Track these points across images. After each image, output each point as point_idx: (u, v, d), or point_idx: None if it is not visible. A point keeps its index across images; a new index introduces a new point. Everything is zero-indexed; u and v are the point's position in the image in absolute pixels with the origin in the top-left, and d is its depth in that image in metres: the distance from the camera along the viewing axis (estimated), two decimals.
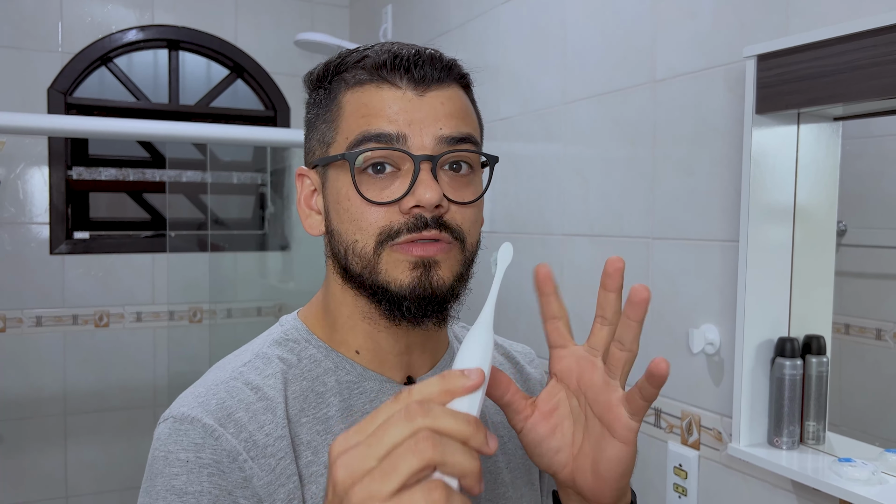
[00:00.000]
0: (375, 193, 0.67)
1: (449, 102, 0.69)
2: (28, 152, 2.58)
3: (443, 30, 2.29)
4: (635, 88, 1.52)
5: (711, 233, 1.34)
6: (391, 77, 0.68)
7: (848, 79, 1.04)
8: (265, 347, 0.74)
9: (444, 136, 0.67)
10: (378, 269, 0.68)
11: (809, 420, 1.17)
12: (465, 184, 0.70)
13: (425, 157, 0.66)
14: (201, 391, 0.69)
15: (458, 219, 0.69)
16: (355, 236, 0.68)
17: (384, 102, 0.67)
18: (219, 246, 2.98)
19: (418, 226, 0.66)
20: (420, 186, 0.65)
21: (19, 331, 2.59)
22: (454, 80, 0.71)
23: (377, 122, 0.67)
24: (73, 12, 2.64)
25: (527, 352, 0.93)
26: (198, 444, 0.64)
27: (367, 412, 0.71)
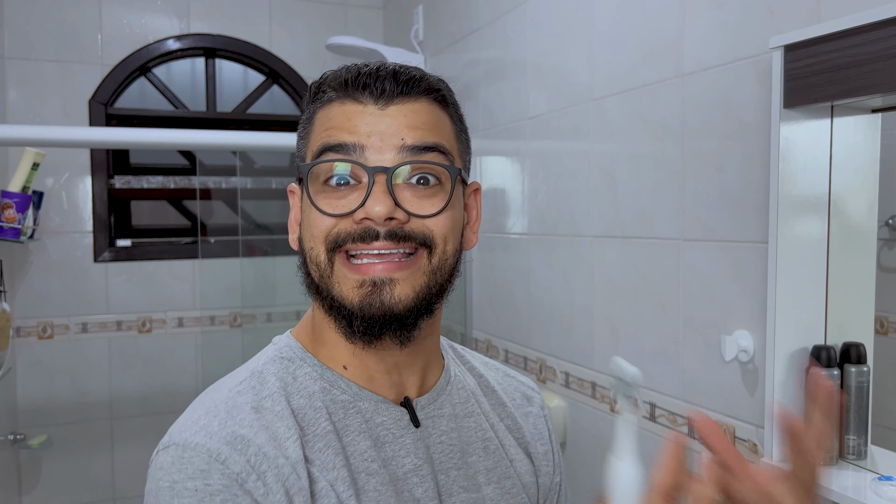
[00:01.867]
0: (331, 204, 0.67)
1: (413, 115, 0.69)
2: (71, 163, 2.65)
3: (472, 28, 2.26)
4: (663, 83, 1.45)
5: (744, 233, 1.27)
6: (353, 93, 0.69)
7: (884, 68, 0.96)
8: (261, 366, 0.73)
9: (405, 145, 0.66)
10: (332, 281, 0.68)
11: (849, 434, 1.09)
12: (430, 195, 0.68)
13: (380, 168, 0.66)
14: (200, 414, 0.67)
15: (429, 226, 0.68)
16: (311, 243, 0.69)
17: (345, 115, 0.68)
18: (259, 250, 3.00)
19: (364, 237, 0.66)
20: (370, 199, 0.65)
21: (66, 337, 2.66)
22: (421, 93, 0.70)
23: (337, 134, 0.68)
24: (112, 24, 2.69)
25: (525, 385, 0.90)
26: (204, 470, 0.62)
27: (363, 431, 0.70)
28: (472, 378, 0.84)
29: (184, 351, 2.80)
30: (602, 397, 1.67)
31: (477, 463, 0.77)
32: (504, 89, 2.09)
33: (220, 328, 2.85)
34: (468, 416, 0.78)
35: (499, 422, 0.83)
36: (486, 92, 2.20)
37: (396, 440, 0.71)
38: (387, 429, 0.71)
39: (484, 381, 0.85)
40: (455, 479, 0.74)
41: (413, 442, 0.72)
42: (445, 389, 0.78)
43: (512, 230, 2.07)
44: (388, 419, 0.71)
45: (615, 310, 1.63)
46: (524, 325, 2.01)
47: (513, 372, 0.91)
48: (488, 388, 0.84)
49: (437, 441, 0.74)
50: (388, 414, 0.72)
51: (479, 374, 0.85)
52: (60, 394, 2.65)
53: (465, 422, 0.78)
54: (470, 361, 0.86)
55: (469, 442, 0.77)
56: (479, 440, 0.78)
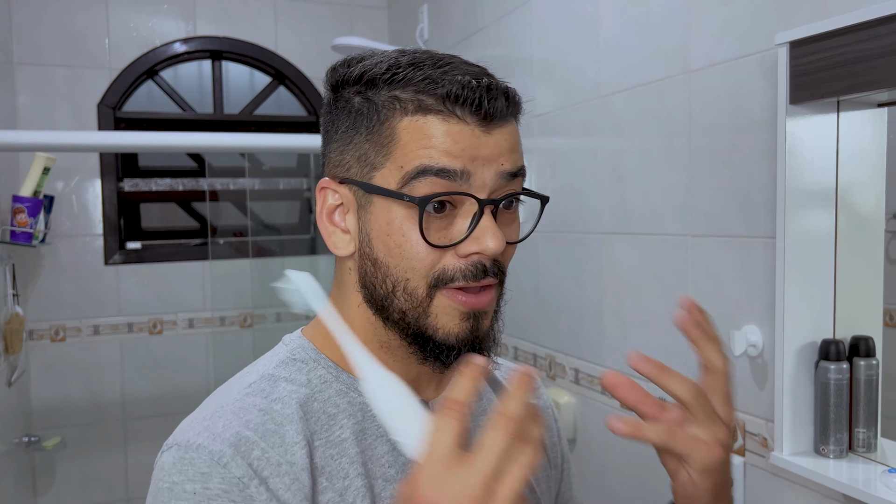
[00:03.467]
0: (433, 234, 0.63)
1: (510, 137, 0.65)
2: (80, 166, 2.67)
3: (478, 27, 2.26)
4: (670, 79, 1.46)
5: (752, 229, 1.27)
6: (460, 111, 0.63)
7: (890, 63, 0.97)
8: (271, 368, 0.70)
9: (504, 171, 0.64)
10: (429, 312, 0.65)
11: (859, 427, 1.10)
12: (514, 219, 0.67)
13: (490, 200, 0.63)
14: (206, 415, 0.66)
15: (506, 257, 0.67)
16: (406, 274, 0.64)
17: (449, 136, 0.62)
18: (268, 251, 3.02)
19: (476, 274, 0.63)
20: (486, 234, 0.62)
21: (78, 340, 2.68)
22: (517, 112, 0.68)
23: (439, 157, 0.62)
24: (119, 28, 2.71)
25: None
26: (204, 473, 0.61)
27: (381, 435, 0.69)
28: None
29: (195, 352, 2.82)
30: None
31: None
32: None
33: (231, 329, 2.87)
34: (482, 413, 0.78)
35: None
36: None
37: None
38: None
39: (491, 376, 0.84)
40: None
41: None
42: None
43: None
44: None
45: (624, 306, 1.63)
46: (533, 322, 2.02)
47: (514, 365, 0.90)
48: (496, 383, 0.84)
49: None
50: None
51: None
52: (74, 396, 2.68)
53: (480, 420, 0.77)
54: None
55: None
56: None
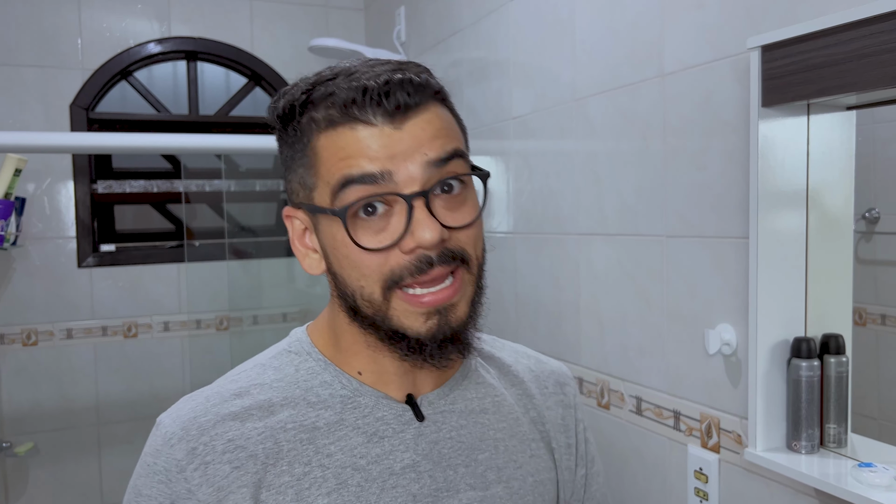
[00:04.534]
0: (371, 238, 0.64)
1: (429, 126, 0.65)
2: (53, 168, 2.63)
3: (455, 29, 2.27)
4: (644, 82, 1.48)
5: (725, 229, 1.30)
6: (363, 115, 0.63)
7: (857, 67, 0.99)
8: (266, 358, 0.75)
9: (430, 160, 0.64)
10: (390, 315, 0.66)
11: (830, 423, 1.12)
12: (460, 203, 0.67)
13: (416, 193, 0.63)
14: (189, 396, 0.72)
15: (463, 240, 0.66)
16: (360, 282, 0.66)
17: (361, 143, 0.63)
18: (245, 253, 3.00)
19: (422, 267, 0.64)
20: (418, 227, 0.62)
21: (51, 343, 2.64)
22: (430, 98, 0.67)
23: (357, 163, 0.63)
24: (92, 28, 2.68)
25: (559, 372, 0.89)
26: (157, 450, 0.67)
27: (359, 427, 0.71)
28: (494, 370, 0.82)
29: (171, 355, 2.80)
30: (589, 392, 1.69)
31: (488, 460, 0.75)
32: (487, 90, 2.11)
33: (207, 332, 2.85)
34: (483, 411, 0.77)
35: (524, 414, 0.81)
36: (469, 93, 2.22)
37: (396, 435, 0.71)
38: (386, 423, 0.71)
39: (511, 371, 0.83)
40: (463, 476, 0.73)
41: (414, 437, 0.72)
42: (461, 384, 0.77)
43: (498, 229, 2.09)
44: (388, 414, 0.72)
45: (601, 306, 1.65)
46: (511, 323, 2.03)
47: (545, 357, 0.89)
48: (516, 378, 0.83)
49: (447, 436, 0.74)
50: (388, 409, 0.72)
51: (504, 366, 0.83)
52: (46, 401, 2.64)
53: (480, 417, 0.77)
54: (496, 354, 0.84)
55: (482, 438, 0.76)
56: (491, 438, 0.77)
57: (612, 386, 1.62)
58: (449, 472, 0.73)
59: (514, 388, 0.82)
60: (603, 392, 1.65)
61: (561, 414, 0.84)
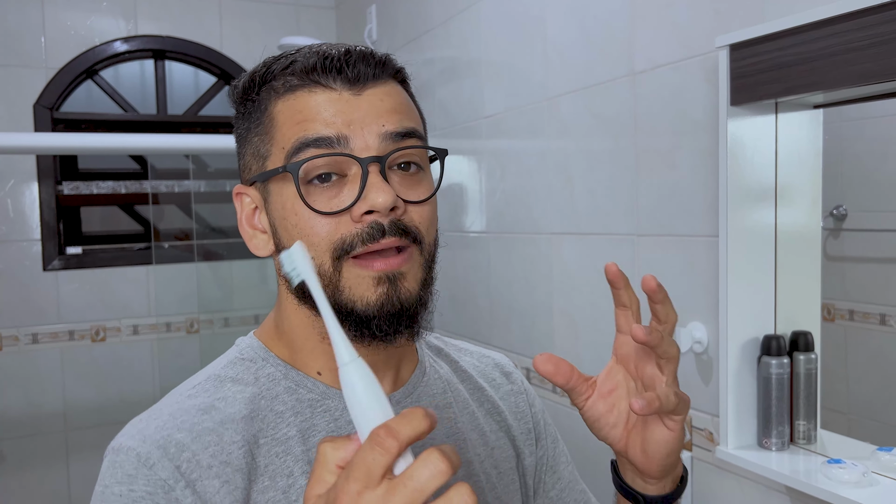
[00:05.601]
0: (323, 203, 0.63)
1: (388, 98, 0.65)
2: (16, 169, 2.57)
3: (426, 28, 2.26)
4: (615, 81, 1.48)
5: (696, 228, 1.30)
6: (323, 79, 0.64)
7: (825, 66, 1.00)
8: (218, 369, 0.71)
9: (387, 132, 0.63)
10: (340, 287, 0.64)
11: (799, 419, 1.13)
12: (416, 182, 0.66)
13: (372, 158, 0.62)
14: (143, 417, 0.66)
15: (416, 219, 0.65)
16: (311, 253, 0.63)
17: (319, 106, 0.63)
18: (215, 254, 2.96)
19: (374, 235, 0.62)
20: (372, 190, 0.62)
21: (16, 349, 2.59)
22: (390, 75, 0.67)
23: (314, 127, 0.63)
24: (56, 26, 2.62)
25: (502, 363, 0.88)
26: (131, 475, 0.61)
27: (332, 431, 0.68)
28: (447, 366, 0.82)
29: (140, 359, 2.75)
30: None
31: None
32: (460, 89, 2.10)
33: (177, 335, 2.81)
34: (446, 407, 0.77)
35: (478, 408, 0.81)
36: (441, 91, 2.20)
37: None
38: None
39: (459, 367, 0.82)
40: None
41: None
42: (422, 381, 0.76)
43: (471, 228, 2.08)
44: None
45: (574, 305, 1.65)
46: (485, 322, 2.02)
47: (487, 351, 0.88)
48: (464, 374, 0.82)
49: None
50: None
51: (453, 361, 0.83)
52: (12, 407, 2.58)
53: (443, 413, 0.76)
54: (443, 349, 0.84)
55: (448, 434, 0.75)
56: (457, 432, 0.76)
57: None
58: None
59: (465, 383, 0.82)
60: None
61: (514, 402, 0.84)
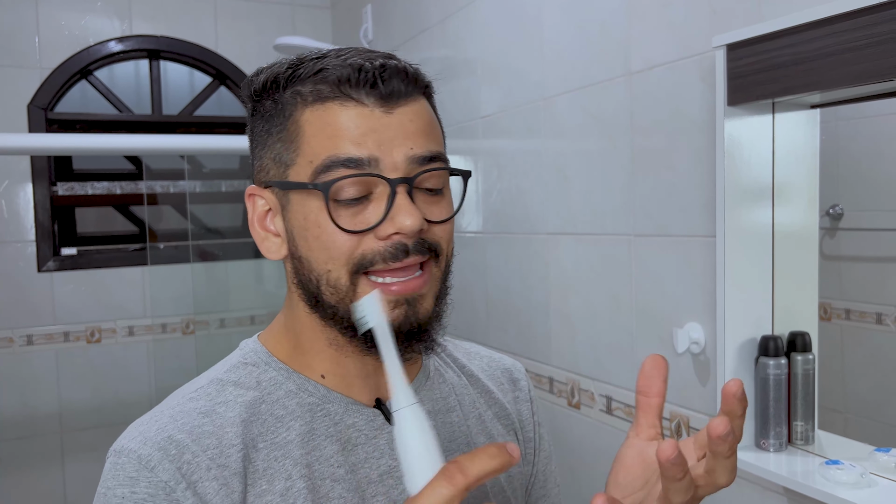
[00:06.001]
0: (348, 221, 0.62)
1: (417, 119, 0.65)
2: (10, 170, 2.56)
3: (422, 28, 2.25)
4: (611, 81, 1.48)
5: (692, 228, 1.30)
6: (355, 93, 0.63)
7: (822, 66, 1.00)
8: (220, 373, 0.71)
9: (415, 156, 0.63)
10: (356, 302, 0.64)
11: (797, 420, 1.13)
12: (438, 200, 0.67)
13: (401, 179, 0.62)
14: (145, 420, 0.66)
15: (438, 235, 0.66)
16: (328, 266, 0.64)
17: (351, 122, 0.62)
18: (211, 255, 2.95)
19: (398, 255, 0.62)
20: (400, 212, 0.62)
21: (10, 350, 2.57)
22: (420, 91, 0.67)
23: (345, 146, 0.62)
24: (50, 26, 2.61)
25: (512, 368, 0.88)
26: (132, 477, 0.61)
27: (331, 435, 0.68)
28: (455, 369, 0.81)
29: (135, 360, 2.74)
30: (560, 392, 1.69)
31: None
32: (456, 89, 2.09)
33: (173, 335, 2.80)
34: (450, 410, 0.76)
35: (486, 410, 0.80)
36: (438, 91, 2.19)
37: (369, 441, 0.69)
38: (358, 430, 0.69)
39: (468, 370, 0.82)
40: None
41: (388, 443, 0.70)
42: (424, 385, 0.76)
43: (468, 229, 2.08)
44: (359, 420, 0.70)
45: (570, 306, 1.65)
46: (481, 322, 2.02)
47: (499, 355, 0.88)
48: (473, 377, 0.82)
49: None
50: (359, 415, 0.70)
51: (461, 365, 0.82)
52: (7, 409, 2.57)
53: (447, 417, 0.76)
54: (452, 353, 0.84)
55: (451, 438, 0.75)
56: (462, 435, 0.76)
57: (583, 385, 1.61)
58: None
59: (473, 387, 0.82)
60: (573, 392, 1.65)
61: (518, 409, 0.84)
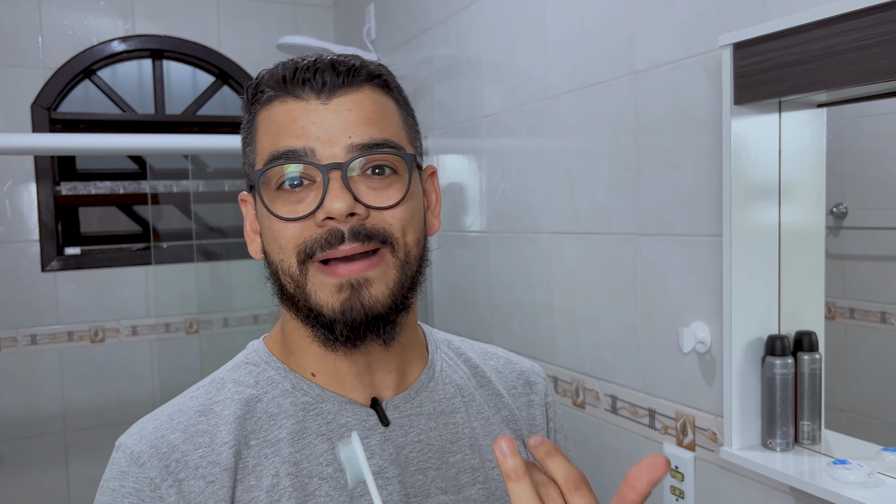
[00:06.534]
0: (290, 209, 0.65)
1: (358, 108, 0.67)
2: (14, 169, 2.56)
3: (425, 26, 2.25)
4: (616, 80, 1.47)
5: (698, 227, 1.29)
6: (293, 89, 0.67)
7: (829, 65, 0.99)
8: (224, 372, 0.74)
9: (354, 144, 0.65)
10: (307, 291, 0.66)
11: (804, 420, 1.13)
12: (387, 185, 0.67)
13: (333, 165, 0.64)
14: (147, 417, 0.70)
15: (388, 221, 0.66)
16: (280, 255, 0.67)
17: (289, 115, 0.66)
18: (214, 254, 2.95)
19: (332, 241, 0.64)
20: (328, 196, 0.63)
21: (14, 350, 2.58)
22: (363, 82, 0.68)
23: (285, 139, 0.65)
24: (53, 26, 2.61)
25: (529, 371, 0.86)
26: (123, 472, 0.65)
27: (322, 434, 0.69)
28: (467, 370, 0.81)
29: (139, 360, 2.74)
30: (564, 391, 1.69)
31: (461, 462, 0.74)
32: (459, 87, 2.09)
33: (176, 335, 2.80)
34: (454, 412, 0.76)
35: (495, 414, 0.80)
36: (441, 90, 2.20)
37: None
38: (350, 429, 0.70)
39: (480, 372, 0.82)
40: (433, 480, 0.72)
41: (380, 443, 0.70)
42: (428, 386, 0.76)
43: (471, 228, 2.07)
44: (352, 420, 0.70)
45: (575, 305, 1.65)
46: (485, 322, 2.02)
47: (518, 358, 0.87)
48: (485, 379, 0.82)
49: (415, 440, 0.72)
50: (352, 415, 0.70)
51: (474, 366, 0.82)
52: (11, 408, 2.57)
53: (450, 418, 0.75)
54: (466, 353, 0.83)
55: (453, 440, 0.75)
56: (465, 438, 0.75)
57: (587, 385, 1.61)
58: (418, 477, 0.71)
59: (483, 389, 0.81)
60: (578, 391, 1.64)
61: (530, 413, 0.83)
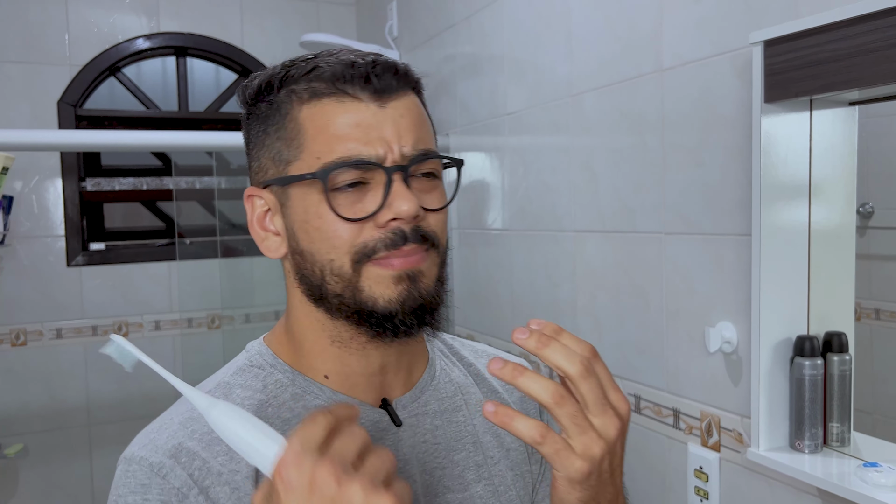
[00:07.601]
0: (347, 209, 0.64)
1: (408, 114, 0.67)
2: (41, 166, 2.59)
3: (448, 24, 2.25)
4: (642, 78, 1.46)
5: (725, 226, 1.28)
6: (350, 88, 0.65)
7: (862, 62, 0.98)
8: (227, 376, 0.71)
9: (406, 153, 0.65)
10: (360, 287, 0.65)
11: (833, 422, 1.11)
12: (432, 188, 0.68)
13: (397, 167, 0.64)
14: (154, 427, 0.67)
15: (433, 225, 0.67)
16: (330, 255, 0.65)
17: (351, 117, 0.64)
18: (236, 250, 2.97)
19: (397, 242, 0.64)
20: (396, 198, 0.63)
21: (40, 344, 2.61)
22: (410, 87, 0.69)
23: (350, 142, 0.64)
24: (79, 24, 2.64)
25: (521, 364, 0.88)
26: (144, 485, 0.62)
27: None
28: (462, 368, 0.82)
29: (162, 354, 2.77)
30: None
31: (465, 460, 0.74)
32: (481, 85, 2.09)
33: (199, 330, 2.82)
34: (456, 410, 0.76)
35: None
36: (463, 88, 2.19)
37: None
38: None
39: (474, 370, 0.82)
40: (440, 479, 0.72)
41: (393, 444, 0.70)
42: (430, 385, 0.76)
43: (493, 225, 2.07)
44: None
45: (598, 304, 1.64)
46: (507, 320, 2.01)
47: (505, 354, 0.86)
48: (479, 376, 0.82)
49: (422, 440, 0.72)
50: (364, 417, 0.69)
51: (469, 364, 0.83)
52: (36, 401, 2.61)
53: (453, 417, 0.76)
54: (459, 351, 0.84)
55: (457, 438, 0.75)
56: (468, 435, 0.76)
57: None
58: (426, 477, 0.71)
59: (479, 386, 0.81)
60: None
61: (523, 408, 0.83)
